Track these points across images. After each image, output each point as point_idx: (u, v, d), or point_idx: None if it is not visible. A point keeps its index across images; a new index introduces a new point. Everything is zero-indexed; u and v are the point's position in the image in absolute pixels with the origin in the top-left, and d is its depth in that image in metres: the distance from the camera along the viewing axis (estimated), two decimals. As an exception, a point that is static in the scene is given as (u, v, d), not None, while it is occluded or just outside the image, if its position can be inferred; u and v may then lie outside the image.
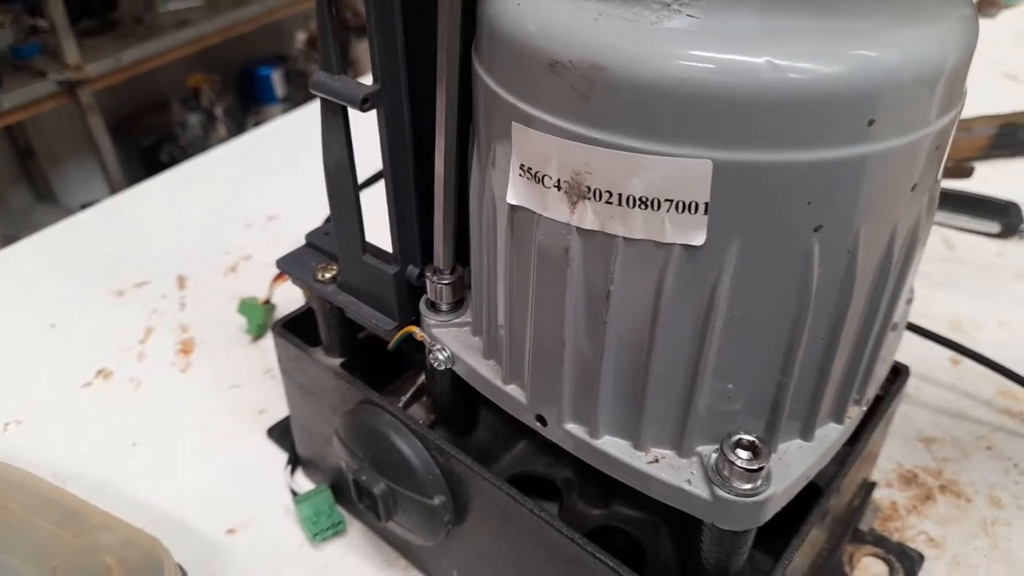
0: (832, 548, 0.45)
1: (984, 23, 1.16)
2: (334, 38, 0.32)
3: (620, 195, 0.26)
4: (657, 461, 0.31)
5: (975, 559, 0.49)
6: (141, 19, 1.90)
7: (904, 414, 0.58)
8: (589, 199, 0.26)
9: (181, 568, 0.42)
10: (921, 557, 0.48)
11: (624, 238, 0.27)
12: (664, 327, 0.28)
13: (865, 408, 0.35)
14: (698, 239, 0.26)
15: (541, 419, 0.33)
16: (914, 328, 0.58)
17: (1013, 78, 1.00)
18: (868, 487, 0.49)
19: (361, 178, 0.36)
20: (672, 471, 0.31)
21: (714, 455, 0.30)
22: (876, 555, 0.49)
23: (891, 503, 0.52)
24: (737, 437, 0.29)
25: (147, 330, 0.64)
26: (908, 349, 0.59)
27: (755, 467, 0.28)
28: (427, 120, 0.34)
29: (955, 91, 0.26)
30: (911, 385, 0.60)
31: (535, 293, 0.30)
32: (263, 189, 0.81)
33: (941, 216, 0.76)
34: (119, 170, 1.82)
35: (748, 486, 0.29)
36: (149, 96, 2.04)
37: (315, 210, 0.46)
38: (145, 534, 0.43)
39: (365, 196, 0.38)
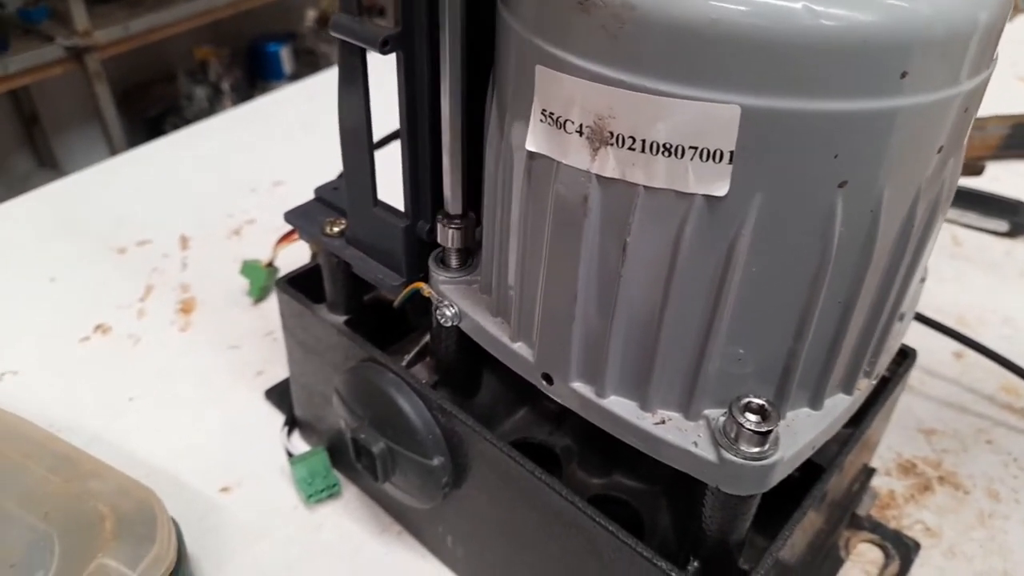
0: (830, 531, 0.45)
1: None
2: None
3: (644, 141, 0.25)
4: (664, 423, 0.31)
5: (971, 550, 0.48)
6: (151, -12, 1.88)
7: (906, 405, 0.58)
8: (612, 145, 0.26)
9: (174, 521, 0.42)
10: (917, 545, 0.48)
11: (645, 187, 0.26)
12: (679, 283, 0.27)
13: (875, 382, 0.34)
14: (721, 189, 0.25)
15: (548, 378, 0.33)
16: (920, 318, 0.58)
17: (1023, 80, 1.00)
18: (868, 473, 0.48)
19: (376, 137, 0.36)
20: (679, 433, 0.30)
21: (722, 418, 0.29)
22: (872, 541, 0.49)
23: (889, 491, 0.52)
24: (746, 400, 0.29)
25: (148, 288, 0.63)
26: (911, 341, 0.59)
27: (764, 430, 0.28)
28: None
29: (987, 51, 0.26)
30: (914, 377, 0.60)
31: (549, 246, 0.30)
32: (269, 155, 0.80)
33: (951, 213, 0.76)
34: (123, 140, 1.81)
35: (756, 449, 0.28)
36: (156, 67, 2.03)
37: (322, 177, 0.45)
38: (139, 484, 0.42)
39: (379, 156, 0.37)
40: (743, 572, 0.33)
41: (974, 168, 0.77)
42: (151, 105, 2.01)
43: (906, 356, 0.43)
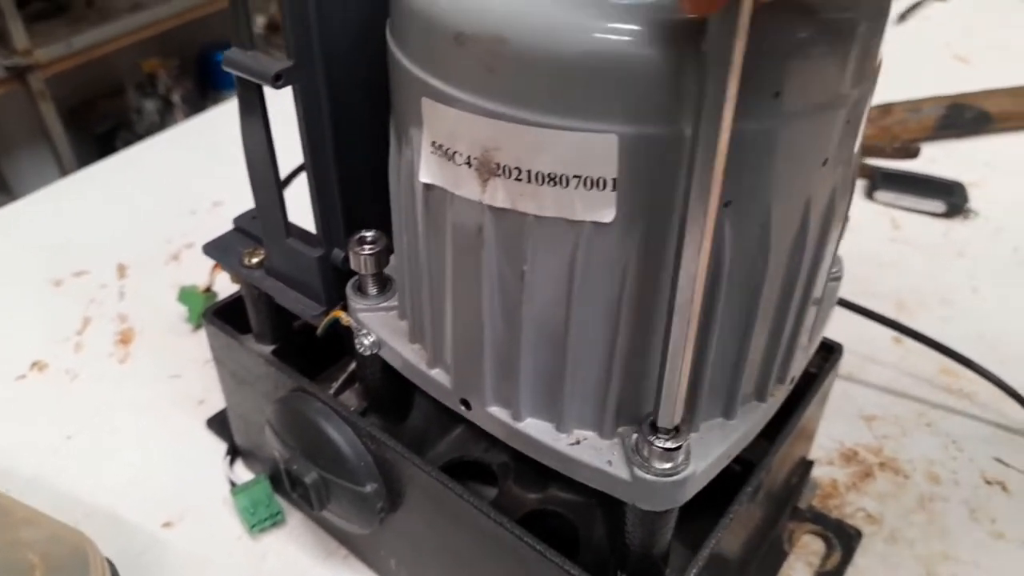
0: (769, 525, 0.45)
1: (936, 6, 1.16)
2: (245, 10, 0.31)
3: (529, 172, 0.25)
4: (579, 443, 0.31)
5: (912, 534, 0.49)
6: (92, 2, 1.84)
7: (846, 393, 0.59)
8: (500, 176, 0.26)
9: (110, 563, 0.41)
10: (859, 533, 0.49)
11: (536, 216, 0.26)
12: (578, 306, 0.27)
13: (791, 386, 0.35)
14: (608, 216, 0.25)
15: (466, 403, 0.33)
16: (856, 308, 0.58)
17: (963, 60, 1.02)
18: (806, 465, 0.49)
19: (294, 163, 0.35)
20: (593, 452, 0.30)
21: (634, 436, 0.30)
22: (815, 532, 0.49)
23: (832, 481, 0.53)
24: (654, 417, 0.29)
25: (85, 320, 0.62)
26: (852, 329, 0.60)
27: (673, 446, 0.28)
28: (347, 99, 0.33)
29: (866, 64, 0.26)
30: (854, 365, 0.61)
31: (452, 274, 0.30)
32: (209, 174, 0.79)
33: (888, 197, 0.77)
34: (73, 158, 1.77)
35: (666, 466, 0.29)
36: (103, 82, 1.99)
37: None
38: (71, 529, 0.41)
39: (299, 180, 0.37)
40: (670, 582, 0.33)
41: (909, 151, 0.78)
42: (100, 121, 1.97)
43: (832, 351, 0.43)
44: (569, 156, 0.24)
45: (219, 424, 0.53)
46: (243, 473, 0.52)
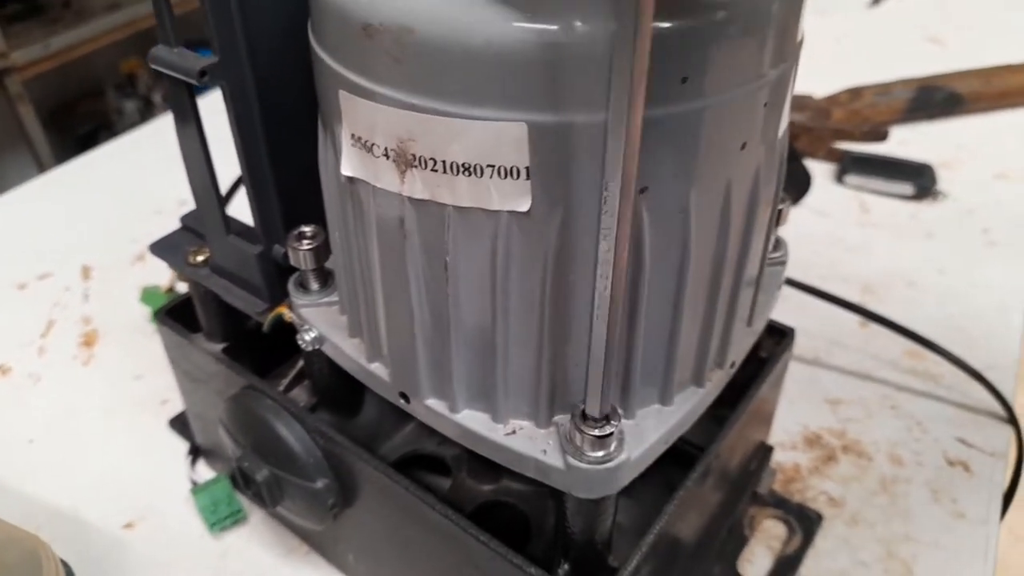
0: (727, 511, 0.45)
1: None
2: (167, 7, 0.30)
3: (444, 162, 0.25)
4: (515, 432, 0.31)
5: (873, 516, 0.50)
6: (69, 3, 1.83)
7: (811, 377, 0.59)
8: (416, 167, 0.26)
9: (66, 565, 0.41)
10: (820, 517, 0.49)
11: (454, 207, 0.26)
12: (503, 296, 0.27)
13: (733, 371, 0.35)
14: (523, 205, 0.25)
15: (405, 396, 0.33)
16: (819, 293, 0.58)
17: (935, 41, 1.02)
18: (766, 450, 0.49)
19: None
20: (528, 442, 0.30)
21: (568, 424, 0.30)
22: (776, 517, 0.50)
23: (794, 465, 0.53)
24: (582, 411, 0.29)
25: (49, 323, 0.62)
26: (818, 314, 0.60)
27: (602, 434, 0.28)
28: (276, 93, 0.33)
29: (784, 43, 0.26)
30: (820, 349, 0.61)
31: (380, 267, 0.30)
32: (174, 174, 0.78)
33: (857, 181, 0.77)
34: (53, 160, 1.76)
35: (599, 453, 0.29)
36: (83, 83, 1.98)
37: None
38: (25, 532, 0.41)
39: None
40: (612, 569, 0.33)
41: (878, 134, 0.78)
42: (81, 123, 1.96)
43: (784, 335, 0.43)
44: (481, 145, 0.24)
45: (181, 424, 0.53)
46: (206, 472, 0.51)
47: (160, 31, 0.31)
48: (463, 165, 0.25)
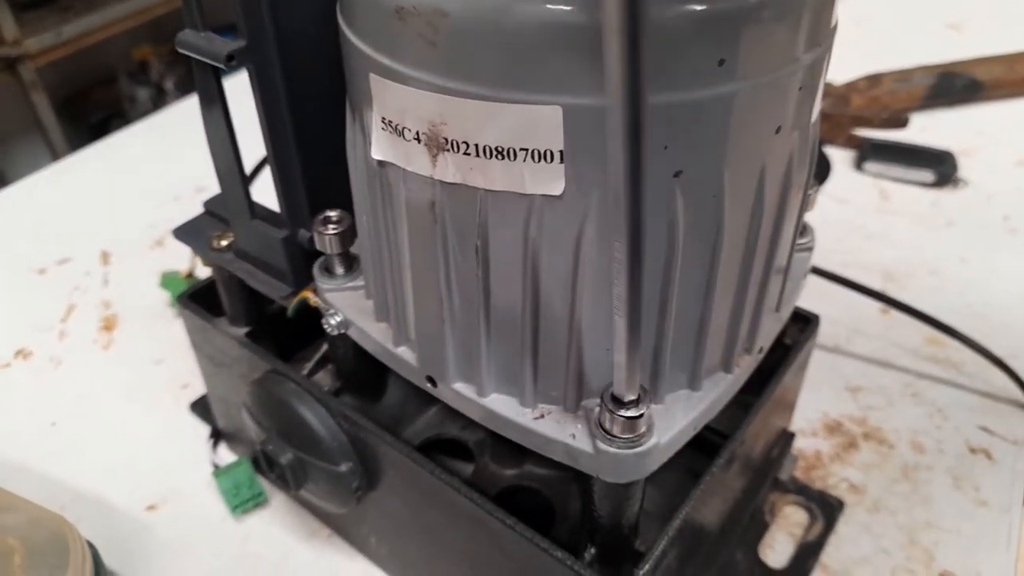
0: (749, 497, 0.45)
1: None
2: (195, -8, 0.30)
3: (477, 146, 0.25)
4: (543, 417, 0.31)
5: (895, 504, 0.49)
6: (82, -10, 1.83)
7: (832, 365, 0.59)
8: (448, 151, 0.26)
9: (91, 546, 0.42)
10: (841, 504, 0.49)
11: (486, 190, 0.26)
12: (534, 280, 0.27)
13: (760, 356, 0.34)
14: (557, 189, 0.25)
15: (432, 380, 0.33)
16: (842, 280, 0.58)
17: (955, 28, 1.00)
18: (787, 437, 0.49)
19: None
20: (557, 426, 0.30)
21: (597, 408, 0.30)
22: (798, 503, 0.49)
23: (816, 452, 0.53)
24: (612, 394, 0.29)
25: (69, 308, 0.62)
26: (839, 301, 0.59)
27: (633, 415, 0.28)
28: (303, 76, 0.33)
29: (819, 28, 0.26)
30: (841, 336, 0.61)
31: (410, 252, 0.29)
32: (192, 160, 0.78)
33: (877, 168, 0.76)
34: (66, 148, 1.77)
35: (629, 437, 0.29)
36: (95, 71, 1.98)
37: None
38: (52, 514, 0.42)
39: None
40: (639, 554, 0.33)
41: (898, 121, 0.77)
42: (94, 110, 1.96)
43: (808, 322, 0.43)
44: (515, 129, 0.24)
45: (202, 408, 0.54)
46: (227, 456, 0.52)
47: (187, 15, 0.31)
48: (496, 149, 0.25)
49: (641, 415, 0.28)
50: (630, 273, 0.23)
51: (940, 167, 0.75)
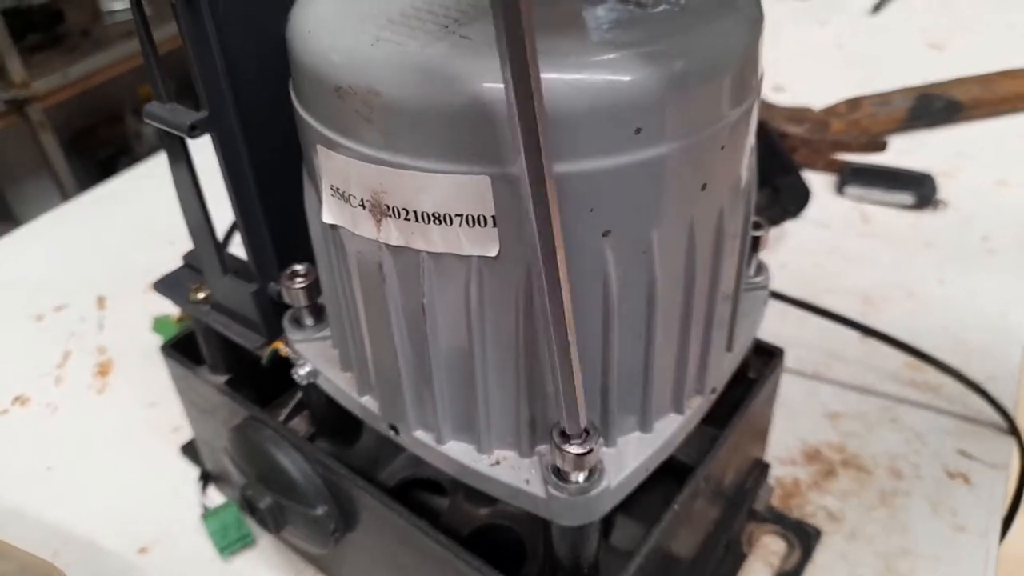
0: (723, 528, 0.46)
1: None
2: (158, 65, 0.32)
3: (416, 212, 0.26)
4: (499, 463, 0.32)
5: (872, 530, 0.50)
6: (88, 31, 1.88)
7: (811, 391, 0.59)
8: (391, 216, 0.27)
9: (81, 591, 0.43)
10: (818, 532, 0.50)
11: (428, 252, 0.27)
12: (479, 334, 0.29)
13: (713, 396, 0.35)
14: (492, 250, 0.26)
15: (394, 428, 0.34)
16: (817, 310, 0.59)
17: (936, 47, 1.01)
18: (762, 467, 0.50)
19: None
20: (512, 472, 0.31)
21: (548, 452, 0.31)
22: (775, 533, 0.50)
23: (794, 480, 0.53)
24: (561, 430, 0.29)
25: (65, 354, 0.64)
26: (817, 326, 0.60)
27: (585, 450, 0.28)
28: (263, 142, 0.34)
29: (743, 87, 0.27)
30: (820, 363, 0.61)
31: (364, 307, 0.31)
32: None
33: (857, 191, 0.77)
34: (76, 186, 1.81)
35: (579, 482, 0.30)
36: (102, 109, 2.03)
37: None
38: (42, 561, 0.43)
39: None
40: (599, 593, 0.34)
41: (877, 145, 0.78)
42: (102, 147, 2.00)
43: (773, 355, 0.44)
44: (449, 197, 0.25)
45: (192, 450, 0.55)
46: (216, 497, 0.53)
47: (153, 88, 0.33)
48: (433, 214, 0.26)
49: (590, 451, 0.29)
50: (554, 323, 0.24)
51: (920, 189, 0.76)
